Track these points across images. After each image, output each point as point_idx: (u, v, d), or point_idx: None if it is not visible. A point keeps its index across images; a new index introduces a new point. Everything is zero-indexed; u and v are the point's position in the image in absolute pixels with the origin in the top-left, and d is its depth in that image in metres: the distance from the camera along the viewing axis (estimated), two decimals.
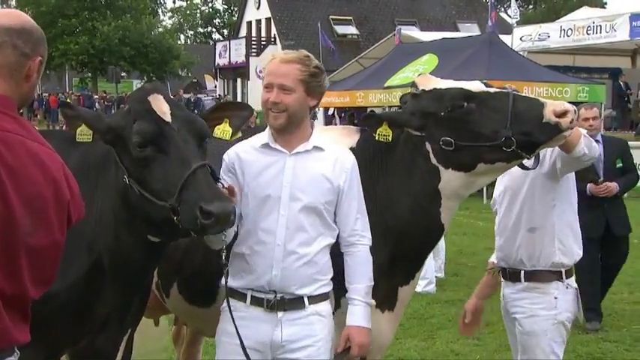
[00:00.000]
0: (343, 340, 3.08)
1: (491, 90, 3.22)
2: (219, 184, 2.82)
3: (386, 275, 3.32)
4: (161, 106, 2.80)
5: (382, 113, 3.41)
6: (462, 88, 3.21)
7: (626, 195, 16.29)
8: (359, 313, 3.08)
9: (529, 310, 3.69)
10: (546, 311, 3.67)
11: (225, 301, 3.04)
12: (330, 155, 3.12)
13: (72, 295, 2.95)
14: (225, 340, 3.07)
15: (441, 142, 3.19)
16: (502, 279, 3.84)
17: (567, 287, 3.72)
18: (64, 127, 3.14)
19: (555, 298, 3.69)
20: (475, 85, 3.25)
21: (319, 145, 3.11)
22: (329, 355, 3.12)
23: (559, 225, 3.68)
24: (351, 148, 3.47)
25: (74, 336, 3.03)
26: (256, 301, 3.04)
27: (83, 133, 2.84)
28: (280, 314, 3.02)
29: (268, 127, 3.15)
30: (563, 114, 3.04)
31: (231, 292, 3.06)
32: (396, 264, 3.37)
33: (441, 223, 3.34)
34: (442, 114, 3.18)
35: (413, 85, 3.34)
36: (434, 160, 3.25)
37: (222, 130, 3.06)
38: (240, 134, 3.15)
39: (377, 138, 3.29)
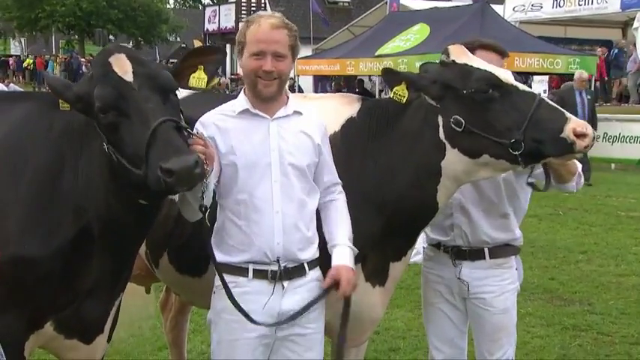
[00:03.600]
0: (330, 278, 3.03)
1: (520, 86, 3.10)
2: (190, 135, 2.73)
3: (378, 249, 3.28)
4: (123, 66, 2.70)
5: (403, 72, 3.27)
6: (492, 73, 3.08)
7: (613, 166, 16.47)
8: (346, 254, 3.05)
9: (500, 287, 3.60)
10: (512, 285, 3.66)
11: (219, 278, 2.97)
12: (308, 117, 3.10)
13: (57, 262, 2.89)
14: (229, 317, 2.99)
15: (451, 120, 3.09)
16: (455, 259, 3.62)
17: (517, 257, 3.73)
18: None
19: (516, 269, 3.69)
20: (505, 74, 3.12)
21: (298, 110, 3.08)
22: (323, 321, 3.11)
23: (521, 211, 3.68)
24: (352, 117, 3.40)
25: (58, 304, 2.98)
26: (259, 274, 2.98)
27: (63, 102, 2.78)
28: (286, 284, 2.98)
29: (243, 93, 3.07)
30: (582, 136, 2.93)
31: (230, 267, 2.99)
32: (388, 238, 3.32)
33: (436, 201, 3.26)
34: (464, 92, 3.07)
35: (444, 52, 3.20)
36: (442, 136, 3.15)
37: (198, 79, 2.94)
38: (216, 81, 3.05)
39: (392, 96, 3.21)
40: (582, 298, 6.89)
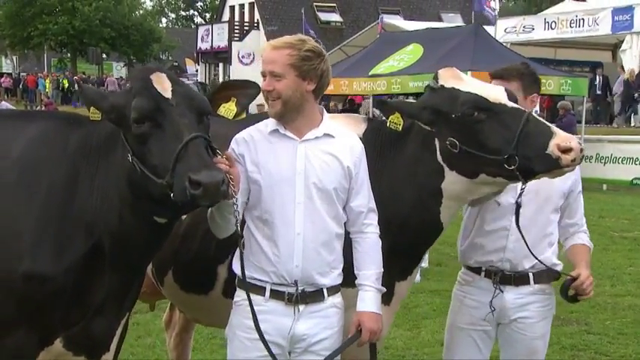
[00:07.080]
0: (354, 326, 3.06)
1: (508, 104, 3.12)
2: (218, 154, 2.77)
3: (384, 268, 3.32)
4: (163, 83, 2.78)
5: (394, 101, 3.34)
6: (477, 96, 3.11)
7: (605, 187, 16.55)
8: (370, 298, 3.06)
9: (540, 313, 3.59)
10: (551, 311, 3.66)
11: (241, 295, 3.01)
12: (341, 142, 3.08)
13: (68, 279, 2.91)
14: (242, 334, 3.01)
15: (447, 142, 3.14)
16: (498, 284, 3.55)
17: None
18: (43, 108, 3.16)
19: (553, 295, 3.68)
20: (496, 93, 3.15)
21: (330, 132, 3.07)
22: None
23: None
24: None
25: (69, 320, 2.99)
26: (276, 295, 2.99)
27: (94, 112, 2.85)
28: (302, 307, 2.99)
29: None
30: (567, 150, 2.96)
31: (248, 285, 3.00)
32: (394, 257, 3.33)
33: (439, 221, 3.31)
34: (453, 116, 3.12)
35: (435, 76, 3.26)
36: (439, 159, 3.21)
37: (227, 109, 3.00)
38: (244, 115, 3.09)
39: (388, 125, 3.25)
40: (579, 318, 6.91)
